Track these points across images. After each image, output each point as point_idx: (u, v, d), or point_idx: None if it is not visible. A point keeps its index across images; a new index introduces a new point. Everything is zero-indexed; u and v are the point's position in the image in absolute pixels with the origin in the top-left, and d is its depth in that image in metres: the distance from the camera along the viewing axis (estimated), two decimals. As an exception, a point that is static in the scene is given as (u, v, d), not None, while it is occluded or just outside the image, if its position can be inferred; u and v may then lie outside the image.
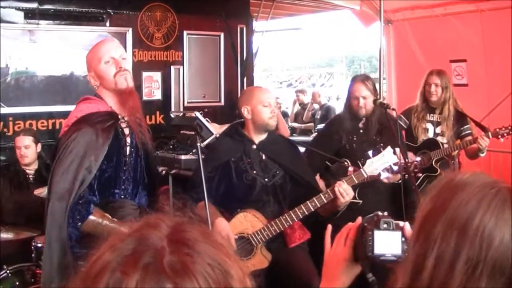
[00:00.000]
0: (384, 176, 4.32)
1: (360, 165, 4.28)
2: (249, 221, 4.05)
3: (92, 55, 3.31)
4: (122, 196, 3.26)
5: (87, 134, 3.05)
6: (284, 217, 3.97)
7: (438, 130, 5.55)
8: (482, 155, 5.44)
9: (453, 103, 5.53)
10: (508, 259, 1.34)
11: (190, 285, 0.95)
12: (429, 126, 5.56)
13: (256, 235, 4.01)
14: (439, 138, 5.51)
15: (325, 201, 3.90)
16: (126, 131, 3.27)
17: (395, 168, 4.44)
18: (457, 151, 5.50)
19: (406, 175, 4.61)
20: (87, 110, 3.17)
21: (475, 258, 1.34)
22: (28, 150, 5.32)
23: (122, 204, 3.17)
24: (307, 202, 3.92)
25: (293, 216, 3.96)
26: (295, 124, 13.33)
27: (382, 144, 4.42)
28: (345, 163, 4.22)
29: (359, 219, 1.83)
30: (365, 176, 4.02)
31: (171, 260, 0.97)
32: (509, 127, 5.27)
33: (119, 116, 3.23)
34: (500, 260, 1.34)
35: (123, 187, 3.25)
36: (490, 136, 5.24)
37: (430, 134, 5.55)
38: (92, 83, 3.29)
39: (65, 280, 1.06)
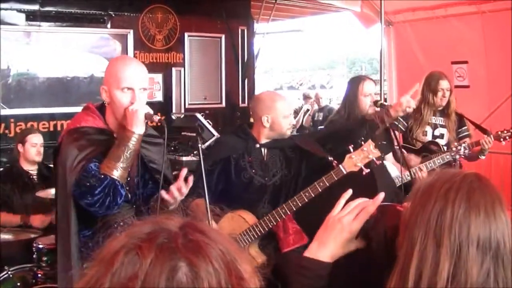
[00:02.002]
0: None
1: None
2: (236, 222, 4.04)
3: (114, 72, 3.08)
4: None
5: (71, 154, 3.00)
6: (267, 217, 3.95)
7: (436, 132, 5.49)
8: (483, 157, 5.37)
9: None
10: (489, 234, 1.42)
11: (204, 265, 0.97)
12: (428, 129, 5.50)
13: (243, 235, 4.00)
14: (438, 141, 5.47)
15: (306, 200, 3.86)
16: None
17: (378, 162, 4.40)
18: None
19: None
20: (83, 123, 3.11)
21: (457, 241, 1.41)
22: (41, 148, 5.36)
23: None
24: (289, 201, 3.90)
25: (276, 216, 3.93)
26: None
27: (362, 138, 4.37)
28: (330, 158, 4.14)
29: (381, 196, 1.79)
30: (344, 172, 3.89)
31: (185, 241, 1.00)
32: (511, 130, 5.24)
33: (115, 135, 3.12)
34: (483, 234, 1.42)
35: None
36: (493, 139, 5.20)
37: (429, 137, 5.50)
38: (103, 97, 3.10)
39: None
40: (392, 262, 1.52)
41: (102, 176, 2.91)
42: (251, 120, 4.49)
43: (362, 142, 3.92)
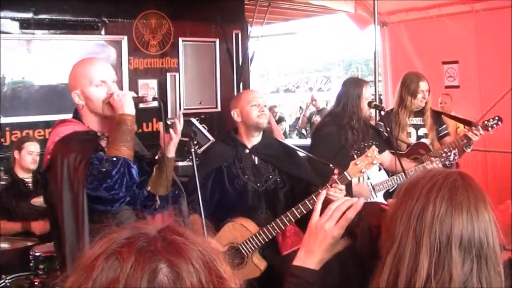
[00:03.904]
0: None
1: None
2: (237, 230, 4.00)
3: (82, 72, 3.16)
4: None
5: (70, 158, 3.01)
6: (271, 225, 3.90)
7: (420, 132, 5.44)
8: (468, 150, 5.27)
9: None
10: (472, 233, 1.41)
11: (184, 265, 0.98)
12: (411, 130, 5.45)
13: (246, 244, 3.96)
14: (423, 140, 5.39)
15: (311, 207, 3.76)
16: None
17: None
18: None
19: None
20: (66, 132, 3.13)
21: (438, 240, 1.40)
22: (37, 157, 5.36)
23: (118, 211, 3.13)
24: (293, 209, 3.84)
25: (280, 224, 3.88)
26: None
27: (366, 144, 4.32)
28: (330, 166, 4.09)
29: (361, 201, 1.79)
30: (349, 179, 3.85)
31: (165, 244, 1.01)
32: (497, 118, 5.14)
33: (98, 133, 3.19)
34: (466, 236, 1.41)
35: None
36: (481, 130, 5.07)
37: (413, 138, 5.44)
38: (76, 101, 3.17)
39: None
40: (377, 260, 1.52)
41: (114, 158, 2.95)
42: None
43: (366, 149, 3.90)
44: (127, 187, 2.99)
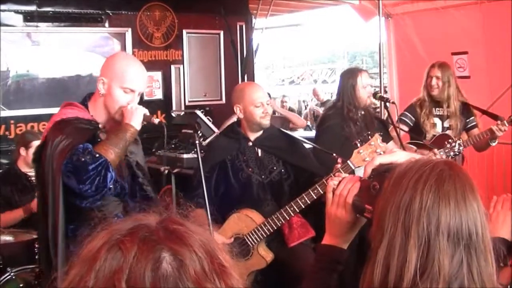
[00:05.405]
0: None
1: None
2: (243, 221, 4.00)
3: (118, 69, 3.15)
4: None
5: (57, 141, 3.03)
6: (276, 216, 3.89)
7: (446, 124, 5.39)
8: (493, 144, 5.25)
9: (458, 97, 5.40)
10: (460, 224, 1.39)
11: (187, 253, 0.99)
12: (437, 121, 5.41)
13: (251, 235, 3.96)
14: (448, 132, 5.35)
15: (315, 197, 3.76)
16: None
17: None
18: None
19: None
20: (69, 115, 3.14)
21: (426, 232, 1.38)
22: None
23: (104, 202, 3.14)
24: (297, 199, 3.82)
25: (285, 214, 3.87)
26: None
27: (369, 132, 4.30)
28: (334, 155, 4.04)
29: (356, 185, 1.79)
30: (353, 168, 3.75)
31: (167, 233, 1.02)
32: None
33: (100, 126, 3.20)
34: (454, 226, 1.39)
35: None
36: (507, 124, 5.02)
37: (439, 129, 5.41)
38: (99, 87, 3.15)
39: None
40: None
41: (97, 155, 2.96)
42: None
43: (370, 137, 3.84)
44: (97, 187, 2.96)
